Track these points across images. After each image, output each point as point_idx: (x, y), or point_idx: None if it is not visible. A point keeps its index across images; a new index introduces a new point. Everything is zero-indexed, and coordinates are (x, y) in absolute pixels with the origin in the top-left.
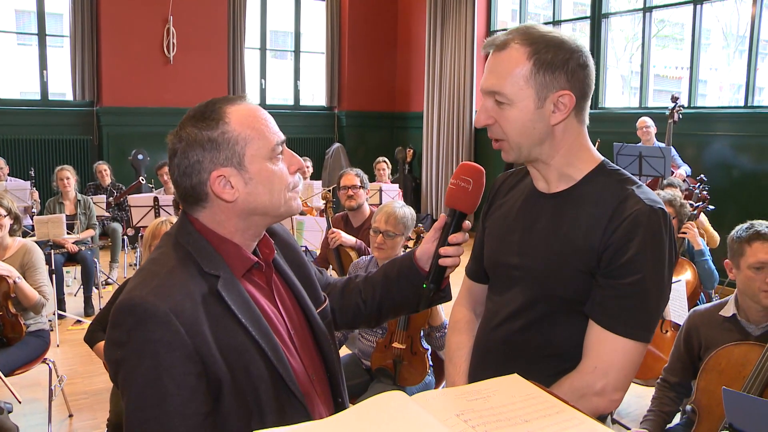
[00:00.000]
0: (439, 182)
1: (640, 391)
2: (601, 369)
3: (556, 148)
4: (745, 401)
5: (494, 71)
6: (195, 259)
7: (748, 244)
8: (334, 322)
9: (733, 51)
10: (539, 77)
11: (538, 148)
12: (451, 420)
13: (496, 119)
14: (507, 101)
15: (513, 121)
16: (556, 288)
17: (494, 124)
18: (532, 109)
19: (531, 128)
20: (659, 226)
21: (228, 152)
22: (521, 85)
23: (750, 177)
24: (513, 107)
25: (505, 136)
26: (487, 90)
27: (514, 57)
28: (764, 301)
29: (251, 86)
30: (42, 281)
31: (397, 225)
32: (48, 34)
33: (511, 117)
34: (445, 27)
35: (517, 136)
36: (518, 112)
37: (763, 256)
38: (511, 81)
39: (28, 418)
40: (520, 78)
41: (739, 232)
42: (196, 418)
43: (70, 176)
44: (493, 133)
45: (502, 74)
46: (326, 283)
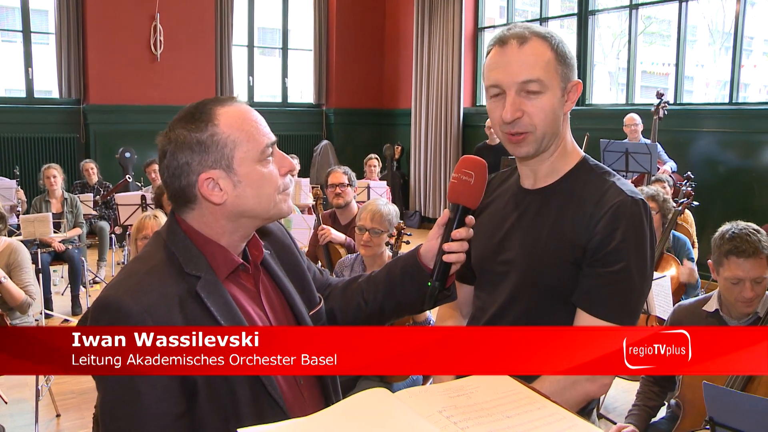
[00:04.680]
0: (427, 179)
1: (625, 385)
2: None
3: (560, 138)
4: (725, 395)
5: (524, 62)
6: (178, 259)
7: (725, 257)
8: (335, 323)
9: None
10: (561, 67)
11: (554, 137)
12: (434, 416)
13: (524, 111)
14: (542, 89)
15: (545, 109)
16: (543, 281)
17: (523, 116)
18: (559, 97)
19: (557, 116)
20: (640, 216)
21: (217, 154)
22: (552, 73)
23: (735, 173)
24: (545, 95)
25: (533, 128)
26: (519, 81)
27: (539, 48)
28: (741, 309)
29: (239, 83)
30: (28, 281)
31: (383, 222)
32: (33, 31)
33: (544, 105)
34: (433, 23)
35: (545, 126)
36: (550, 100)
37: (738, 273)
38: (546, 69)
39: (15, 418)
40: (551, 67)
41: (721, 239)
42: (167, 418)
43: (56, 174)
44: (520, 127)
45: (535, 64)
46: (326, 284)
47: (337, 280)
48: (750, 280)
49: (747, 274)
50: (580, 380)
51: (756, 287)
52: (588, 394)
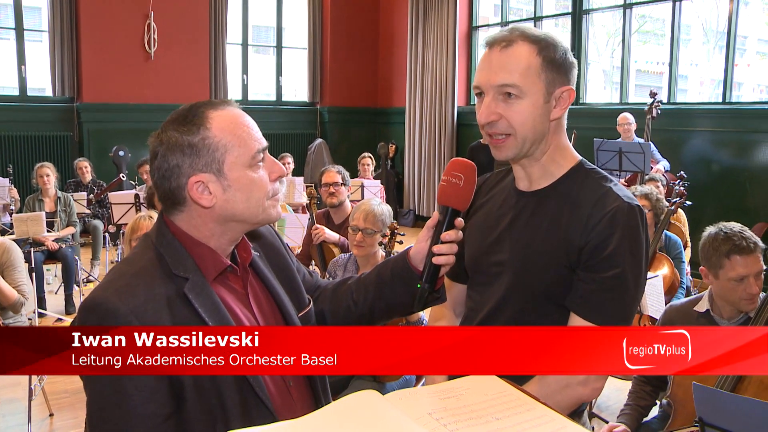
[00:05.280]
0: (421, 177)
1: (619, 384)
2: None
3: (548, 144)
4: (715, 396)
5: (504, 66)
6: (166, 261)
7: (726, 257)
8: (325, 324)
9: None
10: (547, 73)
11: (537, 144)
12: (423, 419)
13: (502, 114)
14: (520, 94)
15: (524, 115)
16: (536, 283)
17: (500, 119)
18: (541, 103)
19: (539, 122)
20: (636, 222)
21: (208, 158)
22: (533, 79)
23: (728, 173)
24: (524, 100)
25: (513, 131)
26: (498, 84)
27: (524, 53)
28: (746, 307)
29: (233, 82)
30: (21, 280)
31: (376, 222)
32: (26, 29)
33: (522, 110)
34: (427, 22)
35: (525, 130)
36: (529, 105)
37: (742, 270)
38: (525, 74)
39: (8, 418)
40: (533, 72)
41: (714, 242)
42: (155, 419)
43: (50, 173)
44: (497, 129)
45: (515, 68)
46: (316, 286)
47: (326, 282)
48: (753, 275)
49: (750, 269)
50: (572, 383)
51: (758, 281)
52: (580, 398)
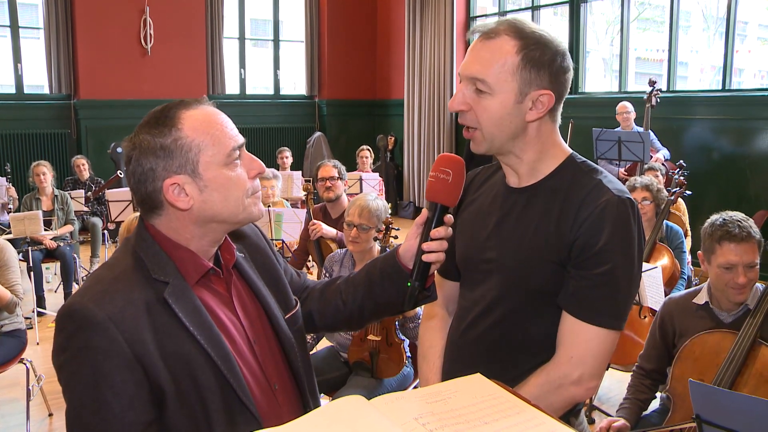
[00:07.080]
0: (420, 169)
1: (620, 376)
2: (577, 358)
3: (529, 144)
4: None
5: (480, 58)
6: (146, 265)
7: (718, 243)
8: (313, 325)
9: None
10: (525, 73)
11: (511, 142)
12: (410, 424)
13: (471, 106)
14: (488, 90)
15: (490, 112)
16: (528, 280)
17: (469, 111)
18: (511, 103)
19: (507, 122)
20: (627, 216)
21: (181, 159)
22: (506, 77)
23: (728, 160)
24: (493, 97)
25: (479, 126)
26: (468, 76)
27: (503, 48)
28: (733, 298)
29: (231, 76)
30: (14, 280)
31: (371, 218)
32: (21, 26)
33: (489, 107)
34: (425, 13)
35: (491, 127)
36: (497, 104)
37: (731, 257)
38: (497, 71)
39: (7, 418)
40: (506, 70)
41: (712, 227)
42: (135, 427)
43: (46, 172)
44: (466, 120)
45: (488, 63)
46: (304, 286)
47: (314, 282)
48: (743, 265)
49: (740, 258)
50: (565, 384)
51: (748, 272)
52: (573, 398)
